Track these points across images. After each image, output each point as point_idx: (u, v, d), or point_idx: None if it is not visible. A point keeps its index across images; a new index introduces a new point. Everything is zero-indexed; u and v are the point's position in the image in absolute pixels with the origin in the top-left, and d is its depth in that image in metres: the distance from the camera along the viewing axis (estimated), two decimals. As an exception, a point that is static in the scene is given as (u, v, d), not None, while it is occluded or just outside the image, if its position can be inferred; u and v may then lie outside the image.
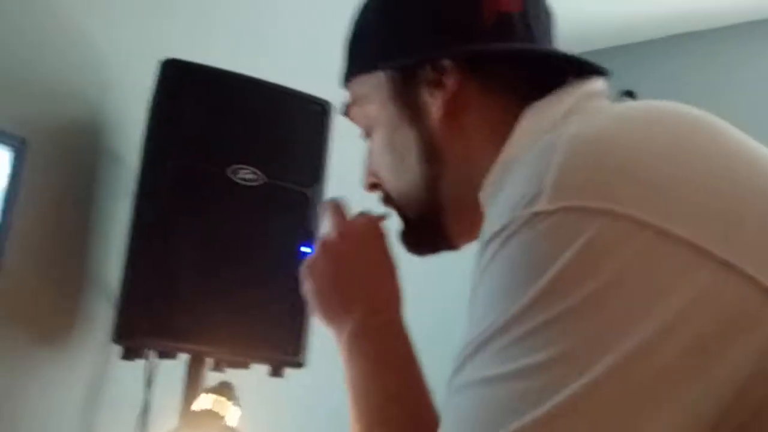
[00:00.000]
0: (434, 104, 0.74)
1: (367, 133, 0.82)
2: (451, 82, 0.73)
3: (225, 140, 1.46)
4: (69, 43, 1.56)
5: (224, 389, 1.27)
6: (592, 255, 0.50)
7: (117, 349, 1.45)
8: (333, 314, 0.81)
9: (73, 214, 1.55)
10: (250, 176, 1.48)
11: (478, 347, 0.53)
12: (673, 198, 0.52)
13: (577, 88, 0.71)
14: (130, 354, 1.46)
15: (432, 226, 0.78)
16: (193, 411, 1.24)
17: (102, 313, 1.53)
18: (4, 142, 1.14)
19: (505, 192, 0.58)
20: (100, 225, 1.59)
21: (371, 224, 0.83)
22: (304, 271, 0.83)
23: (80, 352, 1.53)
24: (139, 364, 1.47)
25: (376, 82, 0.78)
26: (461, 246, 0.80)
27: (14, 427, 1.41)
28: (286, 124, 1.53)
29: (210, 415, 1.22)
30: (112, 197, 1.60)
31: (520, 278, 0.52)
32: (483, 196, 0.71)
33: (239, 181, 1.45)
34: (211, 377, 1.41)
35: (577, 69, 0.74)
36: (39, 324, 1.47)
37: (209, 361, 1.45)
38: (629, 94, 0.75)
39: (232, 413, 1.24)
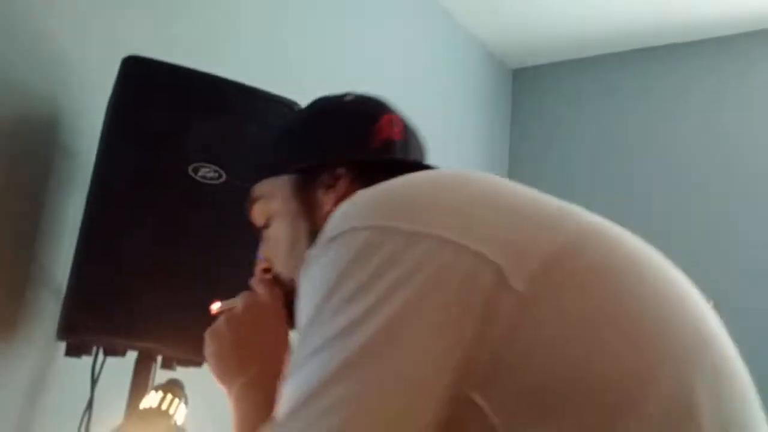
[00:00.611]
0: (327, 202, 0.93)
1: (265, 226, 1.00)
2: (342, 184, 0.94)
3: (187, 138, 1.44)
4: (29, 37, 1.53)
5: (173, 387, 1.24)
6: (360, 258, 0.71)
7: (62, 345, 1.42)
8: (229, 372, 0.96)
9: (23, 208, 1.52)
10: (212, 174, 1.46)
11: (301, 339, 0.72)
12: (425, 210, 0.74)
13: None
14: (75, 350, 1.43)
15: None
16: (141, 409, 1.22)
17: (49, 309, 1.50)
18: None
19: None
20: (52, 220, 1.56)
21: (272, 298, 0.98)
22: (207, 334, 1.00)
23: (24, 348, 1.49)
24: (87, 361, 1.44)
25: (281, 182, 0.98)
26: None
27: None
28: (249, 124, 1.51)
29: (157, 413, 1.19)
30: (65, 193, 1.57)
31: (317, 288, 0.73)
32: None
33: (200, 179, 1.43)
34: (161, 375, 1.39)
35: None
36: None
37: (159, 360, 1.42)
38: None
39: (180, 411, 1.22)
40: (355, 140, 0.98)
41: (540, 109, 3.51)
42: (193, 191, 1.42)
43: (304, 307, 0.74)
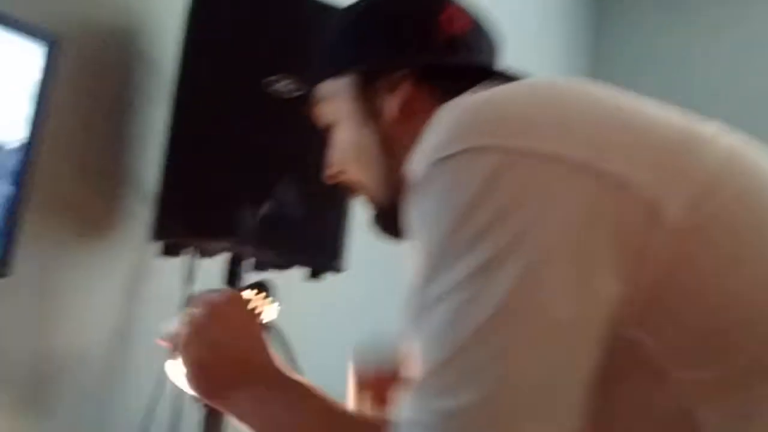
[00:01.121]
0: (390, 107, 0.87)
1: (331, 127, 0.94)
2: (405, 89, 0.87)
3: (263, 49, 1.43)
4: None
5: (262, 287, 1.26)
6: (487, 187, 0.63)
7: (156, 247, 1.47)
8: (225, 382, 0.84)
9: (113, 115, 1.55)
10: (287, 87, 1.46)
11: (425, 279, 0.65)
12: (558, 128, 0.66)
13: (480, 88, 0.81)
14: (169, 251, 1.48)
15: (395, 211, 0.85)
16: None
17: (142, 211, 1.54)
18: (38, 38, 1.13)
19: (417, 154, 0.71)
20: (140, 126, 1.59)
21: (233, 298, 0.92)
22: (181, 353, 0.86)
23: (120, 249, 1.55)
24: (180, 261, 1.49)
25: (343, 85, 0.91)
26: None
27: (56, 322, 1.44)
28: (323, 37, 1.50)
29: (247, 310, 1.22)
30: (152, 99, 1.59)
31: (435, 221, 0.65)
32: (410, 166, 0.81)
33: (275, 90, 1.43)
34: (250, 278, 1.42)
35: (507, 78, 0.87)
36: (79, 222, 1.48)
37: (248, 262, 1.46)
38: None
39: (268, 310, 1.24)
40: (415, 38, 0.89)
41: (630, 12, 3.33)
42: (269, 102, 1.42)
43: (420, 241, 0.67)
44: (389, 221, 0.90)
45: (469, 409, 0.60)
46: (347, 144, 0.92)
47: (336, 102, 0.93)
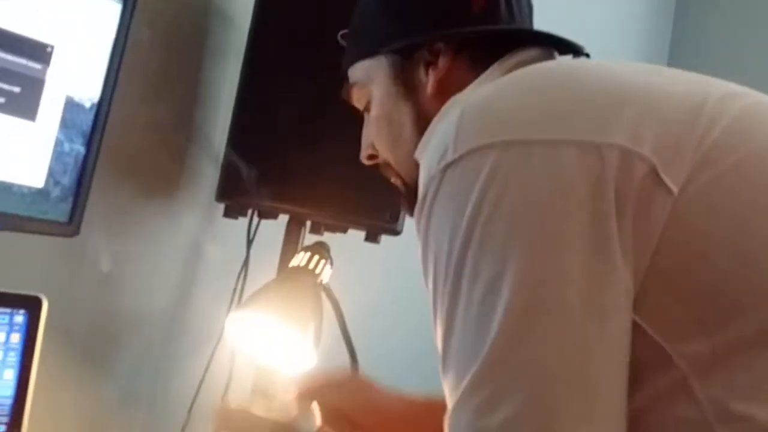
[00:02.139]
0: (428, 82, 0.85)
1: (366, 110, 0.93)
2: (443, 62, 0.84)
3: (339, 9, 1.43)
4: None
5: (320, 249, 1.29)
6: (497, 183, 0.62)
7: (220, 207, 1.50)
8: None
9: (183, 74, 1.58)
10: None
11: (443, 294, 0.65)
12: (559, 113, 0.66)
13: (506, 60, 0.82)
14: (232, 212, 1.51)
15: None
16: (290, 267, 1.28)
17: (208, 172, 1.57)
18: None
19: (424, 158, 0.71)
20: (208, 85, 1.61)
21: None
22: None
23: (185, 209, 1.59)
24: (243, 222, 1.52)
25: (377, 65, 0.90)
26: None
27: (124, 279, 1.49)
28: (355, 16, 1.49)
29: (305, 271, 1.25)
30: (221, 58, 1.61)
31: (450, 221, 0.65)
32: (416, 153, 0.82)
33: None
34: (309, 239, 1.45)
35: (552, 43, 0.86)
36: (146, 181, 1.52)
37: (308, 224, 1.48)
38: (576, 53, 0.89)
39: (326, 271, 1.27)
40: (452, 7, 0.86)
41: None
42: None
43: (432, 253, 0.67)
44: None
45: (509, 422, 0.59)
46: (383, 123, 0.91)
47: (371, 82, 0.91)
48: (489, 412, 0.59)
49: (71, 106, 1.08)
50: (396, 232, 1.47)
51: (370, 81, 0.92)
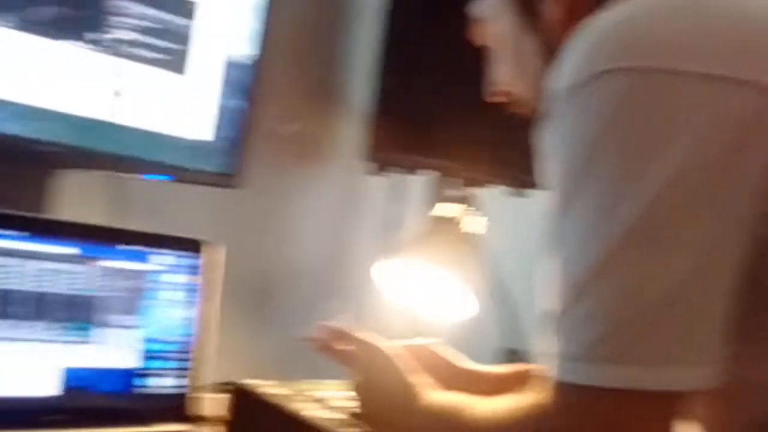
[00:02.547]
0: (555, 12, 0.81)
1: (493, 47, 0.90)
2: None
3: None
4: None
5: (467, 201, 1.31)
6: (627, 107, 0.61)
7: (366, 165, 1.54)
8: None
9: (328, 36, 1.62)
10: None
11: (560, 208, 0.64)
12: (679, 45, 0.63)
13: None
14: (379, 169, 1.55)
15: None
16: (438, 218, 1.30)
17: (352, 131, 1.61)
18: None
19: (554, 81, 0.68)
20: (350, 43, 1.64)
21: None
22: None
23: (333, 166, 1.64)
24: (390, 179, 1.55)
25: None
26: None
27: (280, 236, 1.56)
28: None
29: (453, 223, 1.27)
30: (361, 16, 1.64)
31: (570, 149, 0.64)
32: (546, 82, 0.76)
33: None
34: (455, 194, 1.46)
35: None
36: (298, 139, 1.57)
37: (454, 179, 1.50)
38: None
39: (472, 223, 1.29)
40: None
41: None
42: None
43: (555, 170, 0.66)
44: None
45: (610, 336, 0.60)
46: (509, 57, 0.89)
47: (496, 17, 0.89)
48: (592, 325, 0.61)
49: (228, 62, 1.13)
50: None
51: (494, 16, 0.89)
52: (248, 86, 1.17)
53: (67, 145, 1.02)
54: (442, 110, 1.43)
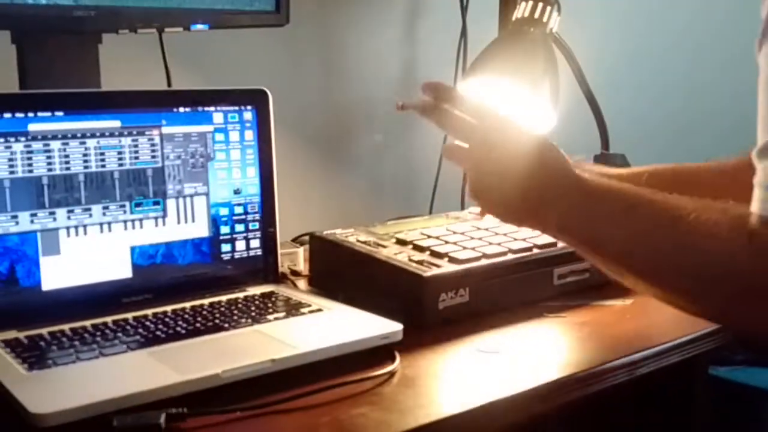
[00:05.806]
0: None
1: None
2: None
3: None
4: None
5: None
6: None
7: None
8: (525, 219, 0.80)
9: None
10: None
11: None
12: None
13: None
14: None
15: None
16: (513, 19, 1.15)
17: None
18: None
19: None
20: None
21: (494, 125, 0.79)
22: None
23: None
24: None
25: None
26: None
27: (344, 68, 1.45)
28: None
29: (530, 21, 1.12)
30: None
31: None
32: None
33: None
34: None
35: None
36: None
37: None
38: None
39: (553, 18, 1.13)
40: None
41: None
42: None
43: None
44: None
45: None
46: None
47: None
48: None
49: None
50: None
51: None
52: None
53: (105, 6, 0.96)
54: None
